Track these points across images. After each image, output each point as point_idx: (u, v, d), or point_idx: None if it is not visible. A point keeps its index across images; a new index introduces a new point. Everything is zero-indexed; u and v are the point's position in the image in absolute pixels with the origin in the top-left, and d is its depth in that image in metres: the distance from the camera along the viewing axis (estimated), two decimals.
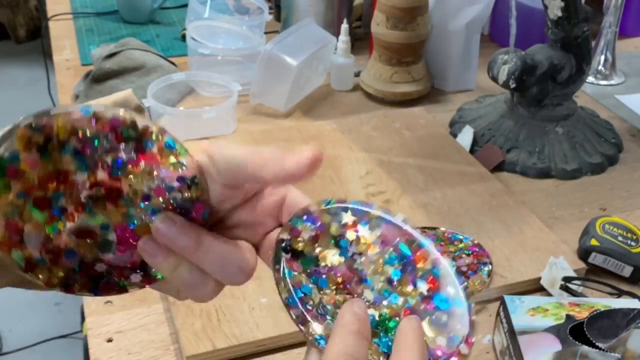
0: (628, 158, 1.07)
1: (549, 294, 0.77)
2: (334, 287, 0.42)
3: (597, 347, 0.63)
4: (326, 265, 0.42)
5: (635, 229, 0.83)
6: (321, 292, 0.42)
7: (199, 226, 0.41)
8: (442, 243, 0.82)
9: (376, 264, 0.42)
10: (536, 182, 1.00)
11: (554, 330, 0.66)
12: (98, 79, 1.11)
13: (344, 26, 1.19)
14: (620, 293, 0.77)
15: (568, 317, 0.68)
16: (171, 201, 0.40)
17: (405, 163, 1.00)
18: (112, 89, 1.10)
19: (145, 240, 0.40)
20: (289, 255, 0.42)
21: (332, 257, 0.42)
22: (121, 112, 0.38)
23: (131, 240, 0.41)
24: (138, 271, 0.42)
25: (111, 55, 1.13)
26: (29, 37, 3.45)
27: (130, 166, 0.39)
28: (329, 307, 0.41)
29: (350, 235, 0.43)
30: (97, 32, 1.41)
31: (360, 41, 1.36)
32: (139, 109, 0.44)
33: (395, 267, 0.42)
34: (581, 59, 1.03)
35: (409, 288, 0.42)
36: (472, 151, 1.04)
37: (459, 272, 0.78)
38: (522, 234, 0.86)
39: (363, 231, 0.43)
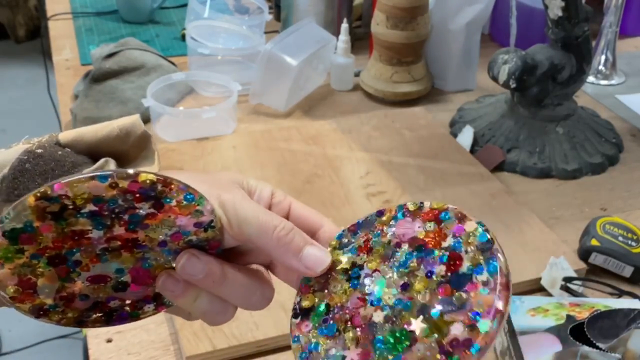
0: (628, 158, 1.06)
1: (550, 294, 0.77)
2: (342, 328, 0.41)
3: (597, 348, 0.63)
4: (336, 307, 0.41)
5: (636, 229, 0.83)
6: (328, 340, 0.41)
7: (222, 260, 0.41)
8: None
9: (388, 276, 0.41)
10: (536, 182, 1.00)
11: (555, 330, 0.66)
12: (98, 79, 1.11)
13: (344, 26, 1.19)
14: (620, 293, 0.77)
15: (568, 317, 0.68)
16: (188, 243, 0.40)
17: (405, 163, 1.00)
18: (112, 89, 1.10)
19: (165, 279, 0.40)
20: (298, 320, 0.42)
21: (342, 297, 0.41)
22: (140, 177, 0.37)
23: (146, 279, 0.41)
24: (151, 302, 0.42)
25: (111, 55, 1.13)
26: (29, 37, 3.45)
27: (147, 220, 0.38)
28: (336, 352, 0.40)
29: (361, 259, 0.42)
30: (97, 31, 1.41)
31: (360, 41, 1.36)
32: (146, 136, 0.43)
33: (409, 269, 0.41)
34: (581, 59, 1.03)
35: (423, 282, 0.40)
36: (472, 151, 1.04)
37: None
38: (523, 234, 0.85)
39: (375, 245, 0.42)
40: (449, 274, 0.39)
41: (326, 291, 0.42)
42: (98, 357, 0.70)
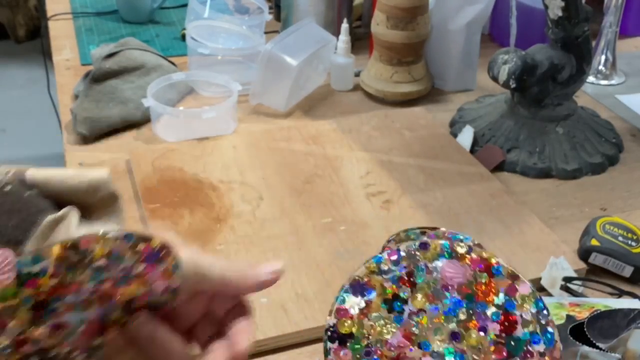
0: (628, 158, 1.06)
1: (549, 294, 0.77)
2: None
3: (597, 348, 0.63)
4: (379, 341, 0.41)
5: (636, 229, 0.83)
6: None
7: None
8: None
9: (436, 319, 0.41)
10: (536, 182, 1.00)
11: None
12: (98, 79, 1.11)
13: (344, 26, 1.19)
14: (620, 293, 0.77)
15: (568, 317, 0.68)
16: (149, 302, 0.41)
17: (405, 163, 1.00)
18: (112, 89, 1.10)
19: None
20: (335, 345, 0.42)
21: (384, 329, 0.41)
22: (153, 241, 0.38)
23: (95, 331, 0.41)
24: (85, 353, 0.41)
25: (111, 55, 1.13)
26: (29, 37, 3.45)
27: (134, 280, 0.39)
28: None
29: (405, 292, 0.42)
30: (97, 31, 1.41)
31: (360, 41, 1.36)
32: (115, 196, 0.44)
33: (459, 318, 0.41)
34: (581, 59, 1.03)
35: (476, 337, 0.40)
36: (472, 151, 1.04)
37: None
38: (523, 234, 0.85)
39: (420, 280, 0.41)
40: (503, 334, 0.40)
41: (366, 319, 0.41)
42: None
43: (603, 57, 1.30)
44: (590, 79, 1.29)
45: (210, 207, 0.88)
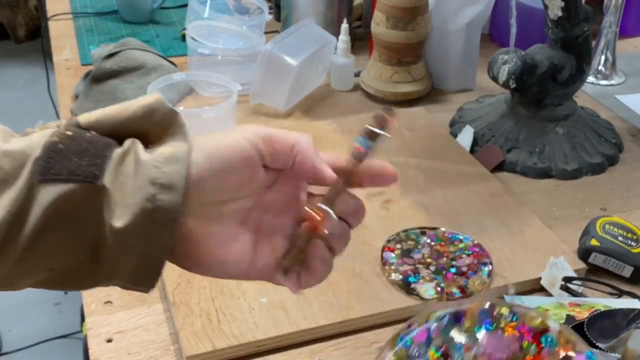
0: (628, 158, 1.06)
1: (549, 294, 0.77)
2: None
3: (597, 348, 0.63)
4: None
5: (636, 229, 0.83)
6: None
7: None
8: (442, 243, 0.82)
9: None
10: (536, 182, 1.00)
11: None
12: (98, 79, 1.11)
13: (344, 26, 1.19)
14: (620, 293, 0.77)
15: (568, 317, 0.68)
16: None
17: (405, 163, 1.00)
18: (112, 89, 1.10)
19: None
20: None
21: None
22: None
23: None
24: None
25: (111, 55, 1.13)
26: (29, 37, 3.45)
27: None
28: None
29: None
30: (97, 32, 1.41)
31: (360, 41, 1.36)
32: (172, 114, 0.43)
33: None
34: (581, 59, 1.03)
35: None
36: (472, 151, 1.04)
37: (460, 273, 0.78)
38: (522, 234, 0.85)
39: None
40: None
41: None
42: (98, 357, 0.70)
43: (603, 57, 1.30)
44: (590, 79, 1.29)
45: None
